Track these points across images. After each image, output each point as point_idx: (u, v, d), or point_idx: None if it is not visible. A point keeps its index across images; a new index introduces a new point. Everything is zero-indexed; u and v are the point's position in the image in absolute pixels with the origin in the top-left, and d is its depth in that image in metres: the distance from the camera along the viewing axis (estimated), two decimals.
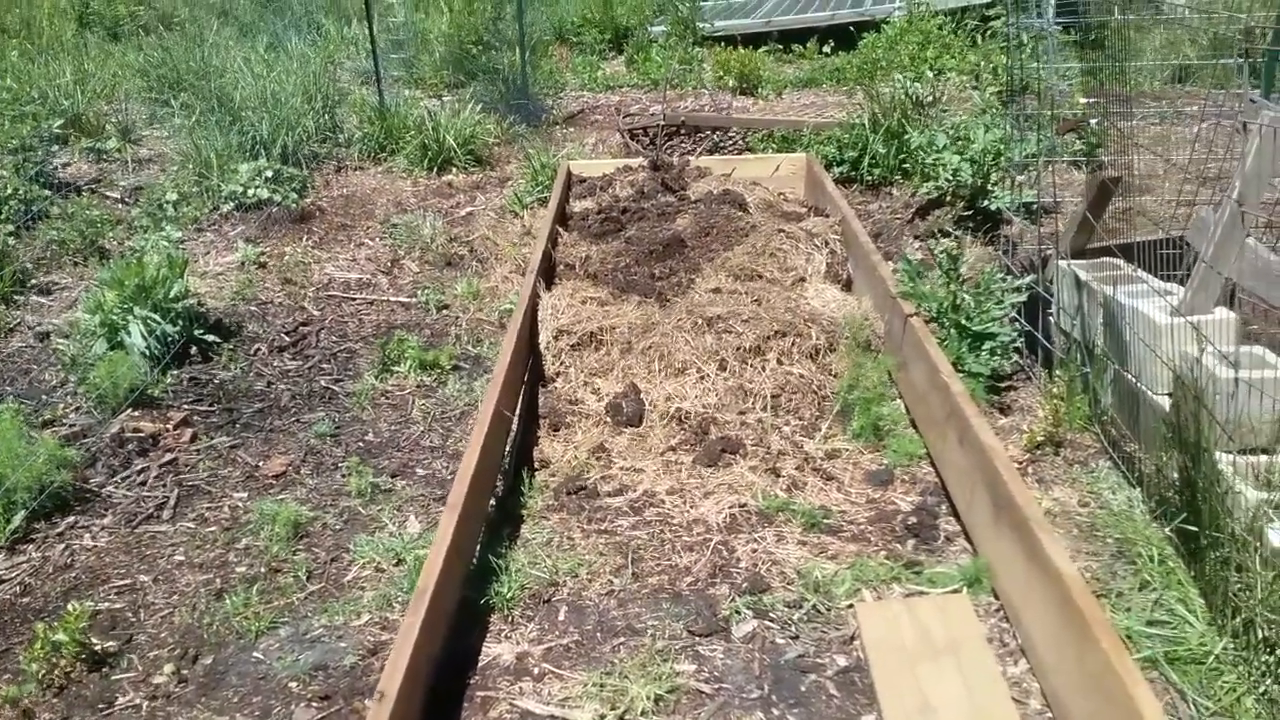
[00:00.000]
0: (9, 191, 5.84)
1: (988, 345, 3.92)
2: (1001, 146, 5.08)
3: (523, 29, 8.38)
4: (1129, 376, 3.44)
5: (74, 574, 3.22)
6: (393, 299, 5.17)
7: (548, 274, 4.74)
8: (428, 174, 6.95)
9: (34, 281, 5.27)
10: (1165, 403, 3.16)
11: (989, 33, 8.58)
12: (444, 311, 5.00)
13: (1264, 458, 2.93)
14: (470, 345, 4.63)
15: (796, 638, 2.78)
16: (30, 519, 3.41)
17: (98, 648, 2.83)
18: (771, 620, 2.84)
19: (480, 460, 3.11)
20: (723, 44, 10.33)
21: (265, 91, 7.02)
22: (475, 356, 4.51)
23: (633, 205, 5.52)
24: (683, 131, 7.79)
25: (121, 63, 9.21)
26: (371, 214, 6.24)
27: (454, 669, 2.70)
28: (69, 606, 2.92)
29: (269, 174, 6.34)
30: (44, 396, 4.24)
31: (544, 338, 4.14)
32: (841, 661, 2.69)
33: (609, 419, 3.79)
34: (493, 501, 3.39)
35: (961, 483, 3.22)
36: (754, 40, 10.60)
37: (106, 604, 3.08)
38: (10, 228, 5.62)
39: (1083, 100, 4.27)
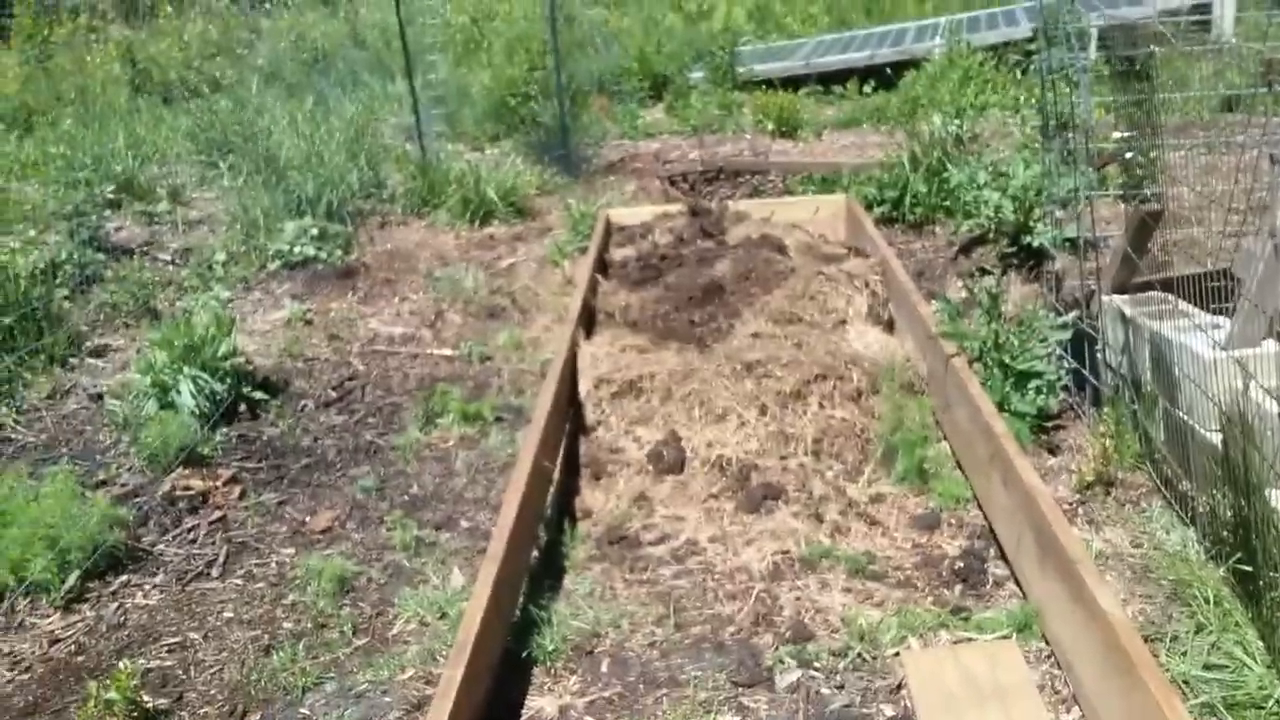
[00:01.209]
0: (64, 256, 5.99)
1: (1033, 384, 3.87)
2: (1043, 182, 5.05)
3: (561, 81, 8.50)
4: (1179, 413, 3.38)
5: (126, 632, 3.26)
6: (436, 352, 5.22)
7: (587, 323, 4.77)
8: (470, 227, 7.03)
9: (88, 344, 5.39)
10: (1216, 440, 3.10)
11: (1030, 67, 8.57)
12: (486, 363, 5.04)
13: None
14: (512, 396, 4.66)
15: (842, 687, 2.74)
16: (84, 578, 3.46)
17: (149, 705, 2.86)
18: (816, 670, 2.81)
19: (520, 512, 3.11)
20: (762, 87, 10.40)
21: (310, 150, 7.17)
22: (518, 407, 4.54)
23: (671, 252, 5.54)
24: (722, 176, 7.83)
25: (172, 126, 9.47)
26: (415, 268, 6.33)
27: None
28: (121, 664, 2.96)
29: (314, 232, 6.47)
30: (98, 457, 4.33)
31: (584, 387, 4.16)
32: (889, 711, 2.65)
33: (650, 467, 3.78)
34: (535, 553, 3.40)
35: (1008, 526, 3.17)
36: (793, 83, 10.66)
37: (158, 661, 3.12)
38: (65, 291, 5.77)
39: (1116, 135, 4.23)
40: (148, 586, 3.49)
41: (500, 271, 6.25)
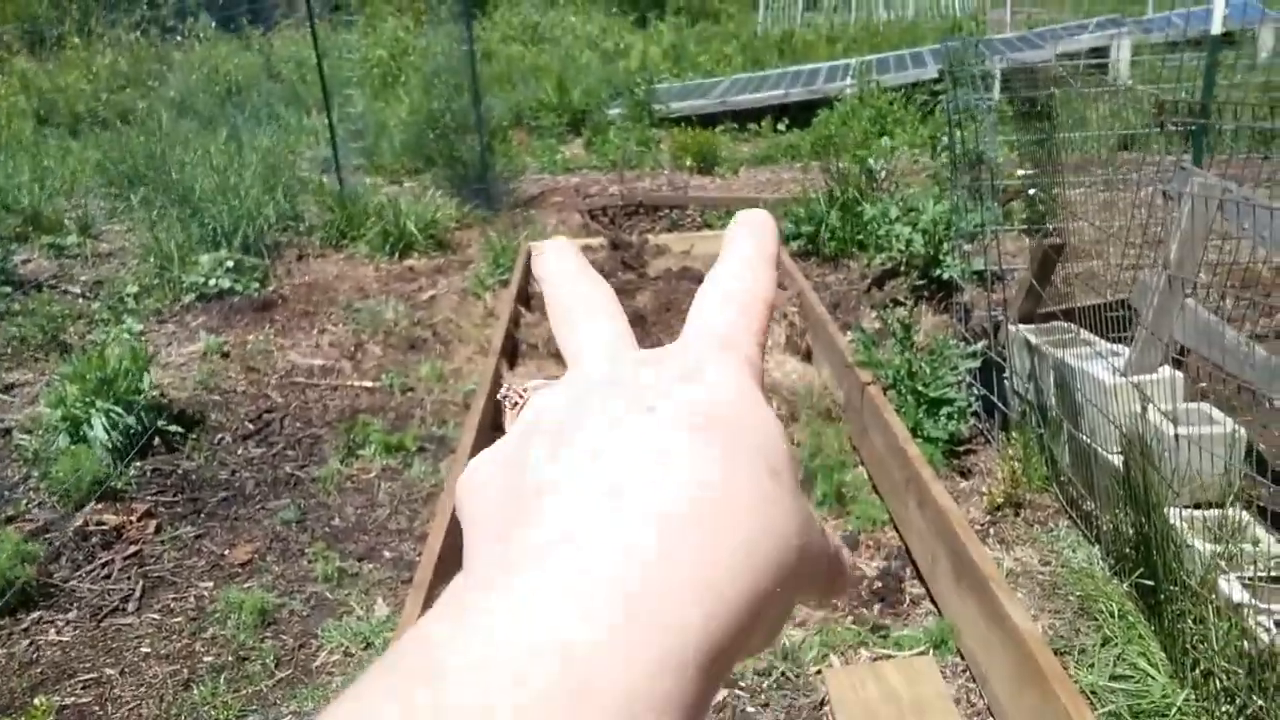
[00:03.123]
0: None
1: (945, 410, 4.00)
2: (951, 217, 5.23)
3: (480, 115, 8.54)
4: (1082, 437, 3.53)
5: (40, 669, 3.18)
6: (356, 384, 5.19)
7: (511, 354, 4.79)
8: (389, 259, 7.01)
9: None
10: (1117, 461, 3.24)
11: (937, 107, 8.86)
12: (408, 394, 5.03)
13: (1215, 511, 3.01)
14: (435, 427, 4.65)
15: (767, 705, 2.79)
16: None
17: None
18: (741, 689, 2.86)
19: (446, 540, 3.12)
20: (680, 124, 10.56)
21: (225, 183, 7.09)
22: (440, 438, 4.54)
23: None
24: (641, 211, 7.93)
25: (80, 158, 9.28)
26: (334, 300, 6.29)
27: None
28: (35, 702, 2.89)
29: (230, 264, 6.40)
30: (6, 493, 4.21)
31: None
32: None
33: None
34: None
35: (923, 546, 3.27)
36: (710, 120, 10.84)
37: (73, 699, 3.04)
38: None
39: (1020, 172, 4.42)
40: (61, 623, 3.40)
41: (421, 303, 6.24)
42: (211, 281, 6.29)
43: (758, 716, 2.75)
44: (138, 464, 4.35)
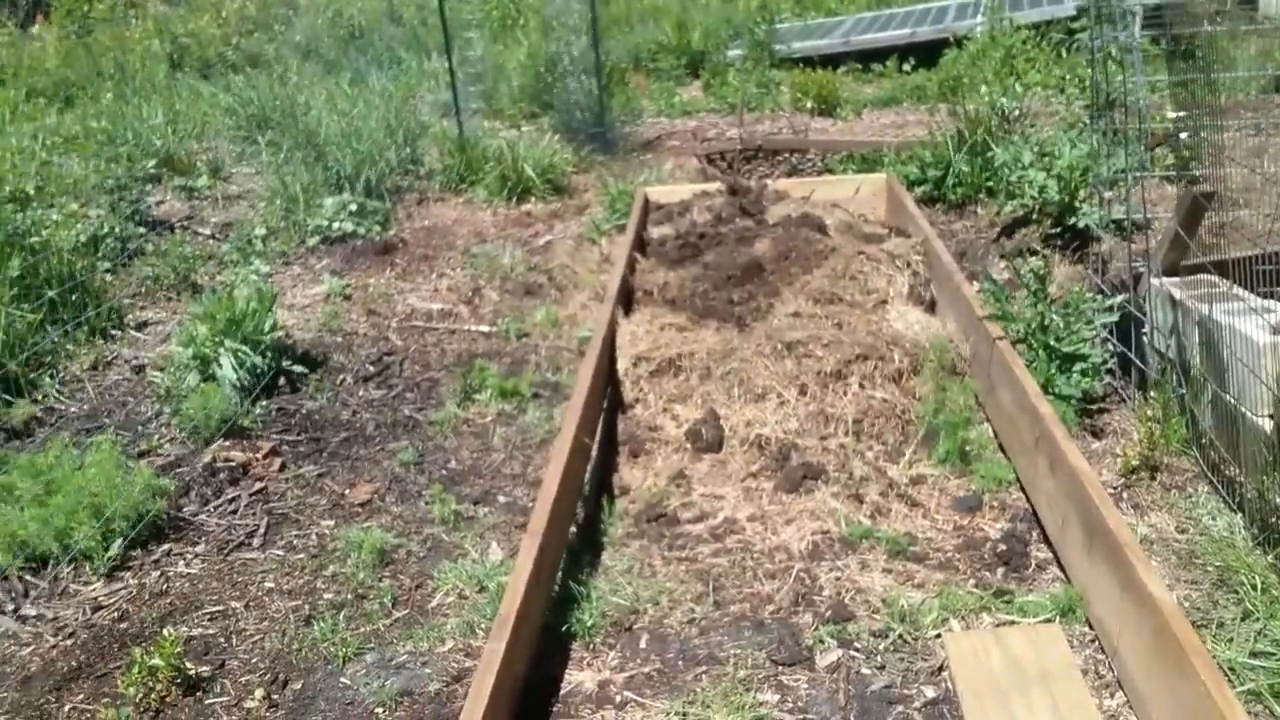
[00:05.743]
0: (106, 230, 6.03)
1: (1078, 367, 3.83)
2: (1089, 162, 4.97)
3: (598, 57, 8.46)
4: (1228, 398, 3.33)
5: (169, 600, 3.30)
6: (474, 328, 5.23)
7: (626, 300, 4.75)
8: (507, 204, 7.03)
9: (130, 316, 5.43)
10: (1267, 424, 3.04)
11: (1074, 46, 8.44)
12: (524, 340, 5.04)
13: None
14: (550, 373, 4.66)
15: (883, 668, 2.72)
16: (128, 547, 3.50)
17: (192, 672, 2.89)
18: (856, 650, 2.79)
19: (560, 487, 3.11)
20: (800, 65, 10.31)
21: (348, 126, 7.17)
22: (555, 384, 4.54)
23: (710, 230, 5.51)
24: (760, 155, 7.77)
25: (211, 103, 9.50)
26: (452, 245, 6.33)
27: (536, 696, 2.71)
28: (164, 632, 3.00)
29: (353, 208, 6.49)
30: (140, 427, 4.36)
31: (622, 364, 4.15)
32: (930, 693, 2.63)
33: (688, 445, 3.77)
34: (573, 528, 3.40)
35: (1052, 509, 3.14)
36: (832, 61, 10.56)
37: (200, 629, 3.15)
38: (107, 265, 5.82)
39: (1170, 115, 4.16)
40: (190, 556, 3.52)
41: (537, 249, 6.24)
42: (335, 224, 6.39)
43: (873, 679, 2.68)
44: (263, 403, 4.46)
